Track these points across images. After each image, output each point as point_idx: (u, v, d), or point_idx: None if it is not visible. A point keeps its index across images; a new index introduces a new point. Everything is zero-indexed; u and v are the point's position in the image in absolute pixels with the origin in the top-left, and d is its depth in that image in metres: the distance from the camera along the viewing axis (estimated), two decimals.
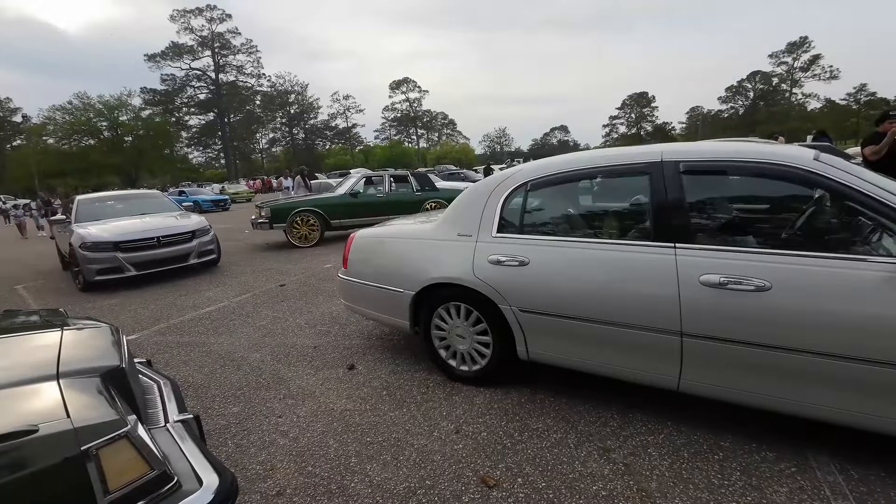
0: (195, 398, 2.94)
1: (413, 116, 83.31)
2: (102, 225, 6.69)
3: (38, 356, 1.52)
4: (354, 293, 3.34)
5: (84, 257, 6.05)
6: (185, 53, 63.83)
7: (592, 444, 2.19)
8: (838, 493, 1.77)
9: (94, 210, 7.28)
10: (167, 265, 6.58)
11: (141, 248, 6.33)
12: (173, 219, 7.23)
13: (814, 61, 65.22)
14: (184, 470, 1.26)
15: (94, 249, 6.09)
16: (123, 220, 7.08)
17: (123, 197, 8.09)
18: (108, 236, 6.23)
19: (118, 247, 6.18)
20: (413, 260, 2.93)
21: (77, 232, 6.34)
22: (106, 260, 6.14)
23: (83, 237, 6.19)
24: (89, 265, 6.08)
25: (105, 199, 7.84)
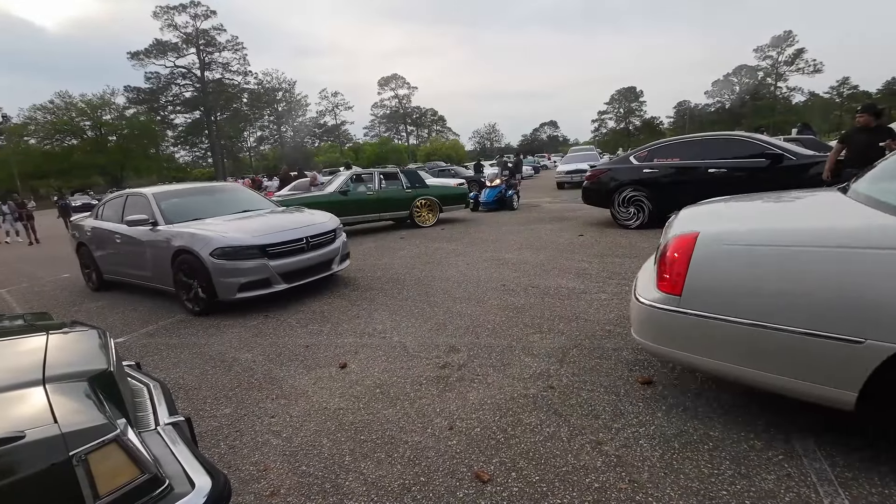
0: (186, 400, 2.92)
1: (402, 113, 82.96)
2: (222, 224, 4.98)
3: (23, 361, 1.49)
4: (707, 338, 2.06)
5: (220, 268, 4.43)
6: (169, 51, 62.70)
7: (584, 437, 2.21)
8: (824, 479, 1.81)
9: (183, 207, 5.47)
10: (314, 275, 5.02)
11: (289, 254, 4.76)
12: (307, 215, 5.67)
13: (798, 55, 66.13)
14: (175, 473, 1.25)
15: (234, 257, 4.47)
16: (238, 218, 5.35)
17: (206, 190, 6.32)
18: (251, 238, 4.61)
19: (266, 252, 4.60)
20: None
21: (196, 234, 4.66)
22: (253, 270, 4.51)
23: (214, 240, 4.51)
24: (228, 278, 4.44)
25: (187, 194, 5.96)
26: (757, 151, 6.56)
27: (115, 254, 5.81)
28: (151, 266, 5.18)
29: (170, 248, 4.81)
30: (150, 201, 5.39)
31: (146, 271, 5.29)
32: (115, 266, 5.90)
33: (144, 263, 5.26)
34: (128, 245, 5.47)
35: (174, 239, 4.81)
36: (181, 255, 4.70)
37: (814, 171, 6.03)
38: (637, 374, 2.74)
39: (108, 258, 5.98)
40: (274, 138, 75.17)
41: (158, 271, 5.09)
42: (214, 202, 5.86)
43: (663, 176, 7.35)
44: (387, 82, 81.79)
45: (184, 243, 4.67)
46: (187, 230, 4.82)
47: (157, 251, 5.02)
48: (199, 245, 4.55)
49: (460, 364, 3.09)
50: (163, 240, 4.95)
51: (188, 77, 65.04)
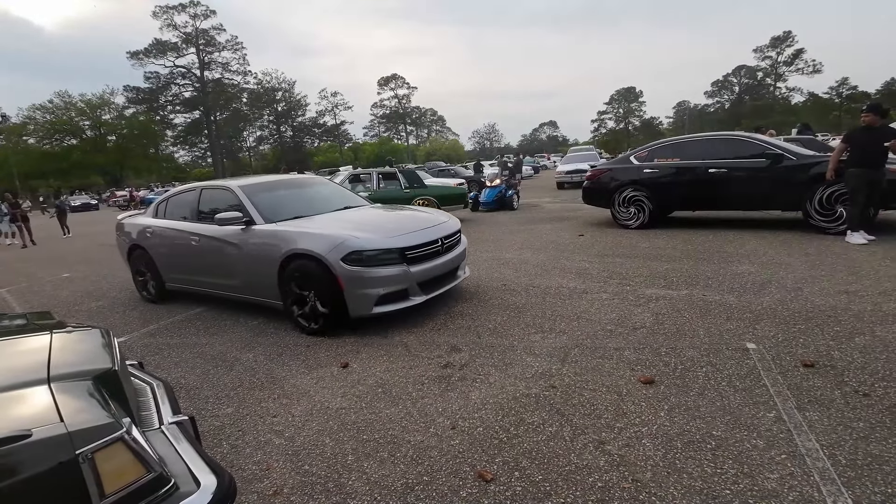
0: (188, 399, 2.92)
1: (402, 113, 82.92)
2: (339, 223, 4.14)
3: (28, 360, 1.49)
4: None
5: (354, 277, 3.53)
6: (168, 51, 62.61)
7: (587, 436, 2.21)
8: (827, 478, 1.81)
9: (277, 203, 4.59)
10: (445, 284, 4.16)
11: (426, 258, 3.90)
12: (424, 212, 4.78)
13: (797, 55, 66.15)
14: (180, 472, 1.25)
15: (372, 262, 3.59)
16: (353, 215, 4.52)
17: (291, 182, 5.34)
18: (388, 240, 3.77)
19: (405, 257, 3.75)
20: None
21: (320, 234, 3.78)
22: (393, 279, 3.65)
23: (346, 242, 3.59)
24: (365, 289, 3.56)
25: (275, 187, 4.97)
26: (757, 151, 6.56)
27: (188, 259, 4.80)
28: (245, 274, 4.23)
29: (276, 251, 3.88)
30: (240, 195, 4.44)
31: (235, 280, 4.35)
32: (186, 273, 4.93)
33: (234, 270, 4.32)
34: (209, 248, 4.51)
35: (283, 241, 3.88)
36: (296, 261, 3.78)
37: (814, 170, 6.04)
38: (639, 373, 2.75)
39: (176, 264, 5.02)
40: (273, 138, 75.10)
41: (257, 280, 4.14)
42: (307, 196, 4.97)
43: (664, 176, 7.36)
44: (386, 82, 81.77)
45: (301, 246, 3.74)
46: (302, 230, 3.94)
47: (257, 256, 4.07)
48: (326, 248, 3.60)
49: (462, 363, 3.09)
50: (265, 242, 4.03)
51: (187, 77, 64.98)
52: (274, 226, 4.12)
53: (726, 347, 3.00)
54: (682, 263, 5.16)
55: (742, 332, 3.21)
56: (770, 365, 2.73)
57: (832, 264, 4.65)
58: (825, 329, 3.15)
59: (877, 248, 5.13)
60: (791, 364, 2.72)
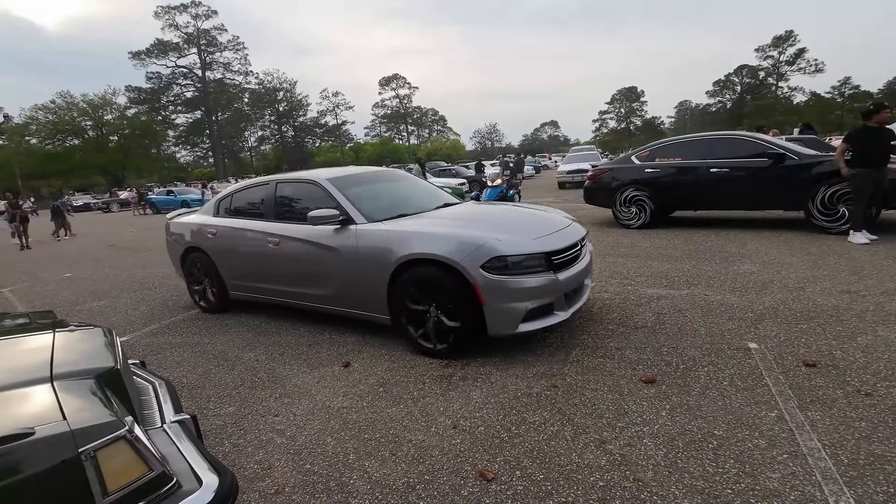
0: (190, 399, 2.92)
1: (403, 113, 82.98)
2: (458, 222, 3.48)
3: (31, 359, 1.49)
4: None
5: (497, 287, 2.90)
6: (170, 51, 62.82)
7: (588, 435, 2.21)
8: (829, 477, 1.81)
9: (374, 199, 3.95)
10: (581, 297, 3.41)
11: (567, 265, 3.21)
12: (542, 211, 4.03)
13: (799, 55, 65.98)
14: (183, 470, 1.25)
15: (517, 270, 2.95)
16: (465, 213, 3.85)
17: (378, 176, 4.59)
18: (534, 243, 3.12)
19: (552, 263, 3.08)
20: None
21: (453, 235, 3.11)
22: (542, 290, 2.99)
23: (488, 246, 2.96)
24: (510, 302, 2.92)
25: (365, 180, 4.27)
26: (759, 151, 6.55)
27: (262, 264, 4.16)
28: (341, 282, 3.59)
29: (388, 256, 3.24)
30: (331, 190, 3.79)
31: (326, 289, 3.71)
32: (259, 281, 4.26)
33: (326, 278, 3.68)
34: (293, 252, 3.88)
35: (397, 243, 3.24)
36: (415, 268, 3.17)
37: (816, 170, 6.03)
38: (640, 373, 2.74)
39: (246, 269, 4.35)
40: (275, 138, 75.19)
41: (357, 290, 3.52)
42: (402, 191, 4.36)
43: (665, 175, 7.35)
44: (388, 82, 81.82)
45: (424, 250, 3.09)
46: (422, 230, 3.28)
47: (359, 261, 3.43)
48: (460, 252, 2.97)
49: (464, 363, 3.09)
50: (372, 245, 3.38)
51: (189, 77, 65.16)
52: (380, 225, 3.47)
53: (728, 347, 3.00)
54: (683, 263, 5.16)
55: (744, 332, 3.20)
56: (772, 364, 2.73)
57: (834, 264, 4.64)
58: (827, 329, 3.15)
59: (879, 248, 5.12)
60: (793, 364, 2.72)
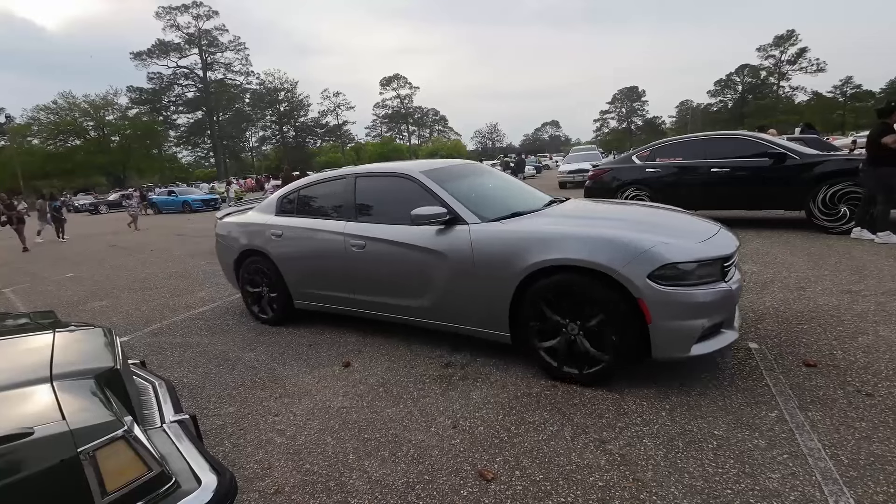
0: (190, 399, 2.93)
1: (404, 113, 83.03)
2: (592, 221, 3.01)
3: (31, 359, 1.50)
4: None
5: (668, 301, 2.38)
6: (171, 51, 62.94)
7: (588, 435, 2.21)
8: (829, 477, 1.80)
9: (480, 195, 3.49)
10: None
11: (732, 273, 2.68)
12: (674, 210, 3.54)
13: (801, 54, 65.89)
14: (182, 470, 1.26)
15: (690, 280, 2.43)
16: (586, 211, 3.41)
17: (469, 169, 3.91)
18: (703, 248, 2.57)
19: (725, 271, 2.58)
20: None
21: (606, 239, 2.55)
22: (718, 304, 2.47)
23: (652, 251, 2.43)
24: (683, 319, 2.40)
25: (459, 175, 3.66)
26: (760, 151, 6.54)
27: (341, 269, 3.62)
28: (447, 292, 3.08)
29: (516, 262, 2.73)
30: (429, 184, 3.28)
31: (425, 300, 3.20)
32: (334, 289, 3.73)
33: (427, 287, 3.16)
34: (383, 256, 3.36)
35: (527, 247, 2.72)
36: (552, 277, 2.64)
37: (818, 170, 6.02)
38: (641, 372, 2.74)
39: (318, 276, 3.81)
40: (276, 138, 75.30)
41: (468, 301, 3.01)
42: (503, 187, 3.88)
43: (666, 175, 7.34)
44: (389, 82, 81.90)
45: (569, 255, 2.56)
46: (561, 231, 2.72)
47: (473, 267, 2.92)
48: (621, 257, 2.44)
49: (463, 363, 3.09)
50: (492, 249, 2.86)
51: (190, 77, 65.27)
52: (500, 225, 2.95)
53: (728, 347, 2.99)
54: None
55: (744, 332, 3.20)
56: (772, 364, 2.73)
57: (835, 264, 4.63)
58: (828, 329, 3.14)
59: (880, 248, 5.11)
60: (793, 363, 2.71)
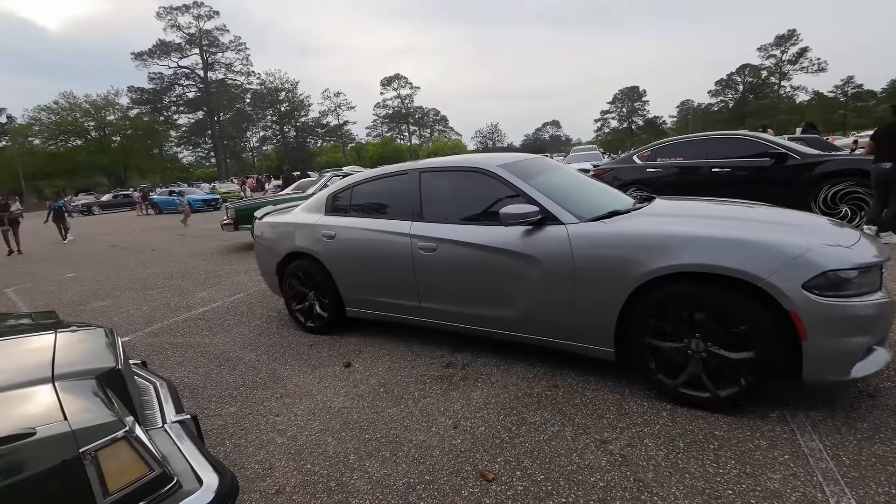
0: (191, 399, 2.93)
1: (405, 113, 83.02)
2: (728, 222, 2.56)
3: (33, 359, 1.50)
4: None
5: (829, 315, 2.04)
6: (172, 51, 63.01)
7: (589, 436, 2.21)
8: (830, 478, 1.80)
9: (568, 192, 3.11)
10: None
11: None
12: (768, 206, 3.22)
13: (802, 54, 65.73)
14: (183, 470, 1.26)
15: (850, 290, 2.09)
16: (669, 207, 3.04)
17: (549, 165, 3.51)
18: (859, 252, 2.22)
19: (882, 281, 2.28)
20: None
21: (750, 242, 2.19)
22: (880, 317, 2.15)
23: (807, 256, 2.09)
24: (850, 336, 2.07)
25: (545, 168, 3.36)
26: (761, 150, 6.53)
27: (406, 275, 3.26)
28: (536, 301, 2.73)
29: (627, 268, 2.39)
30: (512, 180, 2.94)
31: (511, 310, 2.85)
32: (399, 297, 3.36)
33: (510, 295, 2.84)
34: (460, 261, 3.00)
35: (644, 251, 2.36)
36: (674, 285, 2.30)
37: (819, 170, 6.01)
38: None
39: (381, 282, 3.43)
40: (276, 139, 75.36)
41: (566, 312, 2.65)
42: (583, 184, 3.47)
43: (667, 175, 7.34)
44: (389, 82, 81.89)
45: (702, 260, 2.20)
46: (690, 232, 2.32)
47: (574, 273, 2.57)
48: (771, 265, 2.11)
49: (464, 363, 3.09)
50: (598, 253, 2.50)
51: (191, 77, 65.36)
52: (604, 226, 2.58)
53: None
54: None
55: None
56: None
57: None
58: None
59: None
60: None
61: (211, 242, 10.46)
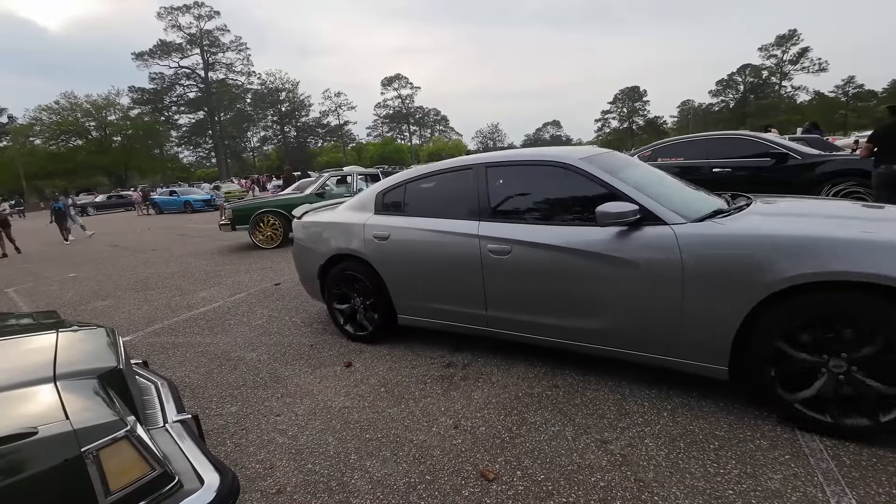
0: (192, 398, 2.93)
1: (405, 113, 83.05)
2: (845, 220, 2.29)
3: (34, 358, 1.51)
4: None
5: None
6: (173, 51, 63.10)
7: (590, 436, 2.21)
8: (831, 478, 1.80)
9: (660, 188, 2.82)
10: None
11: None
12: None
13: (802, 54, 65.71)
14: (184, 469, 1.26)
15: None
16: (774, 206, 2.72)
17: (627, 160, 3.17)
18: None
19: None
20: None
21: None
22: None
23: None
24: None
25: (627, 163, 3.08)
26: (761, 151, 6.53)
27: (471, 280, 2.95)
28: (634, 311, 2.43)
29: (752, 276, 2.08)
30: (599, 174, 2.64)
31: (600, 320, 2.55)
32: (464, 304, 3.05)
33: (601, 304, 2.52)
34: (540, 265, 2.68)
35: (777, 255, 2.04)
36: (810, 295, 2.00)
37: (819, 170, 6.00)
38: (642, 373, 2.74)
39: (442, 287, 3.14)
40: (277, 139, 75.42)
41: (666, 325, 2.34)
42: (661, 181, 3.08)
43: None
44: (390, 82, 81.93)
45: (860, 268, 1.87)
46: (835, 234, 2.01)
47: (682, 279, 2.24)
48: None
49: (465, 363, 3.09)
50: (716, 258, 2.17)
51: (192, 77, 65.44)
52: (719, 226, 2.27)
53: None
54: None
55: None
56: None
57: None
58: None
59: None
60: None
61: (212, 242, 10.47)
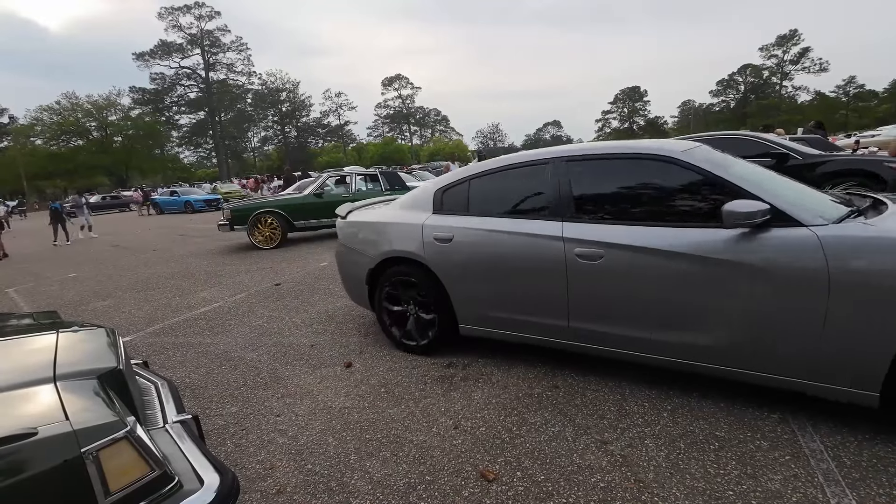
0: (192, 399, 2.93)
1: (406, 113, 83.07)
2: None
3: (34, 359, 1.51)
4: None
5: None
6: (174, 52, 63.22)
7: (590, 436, 2.21)
8: (831, 479, 1.80)
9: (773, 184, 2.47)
10: None
11: None
12: None
13: (803, 54, 65.68)
14: (184, 470, 1.26)
15: None
16: None
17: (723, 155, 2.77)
18: None
19: None
20: None
21: None
22: None
23: None
24: None
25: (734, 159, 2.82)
26: (762, 151, 6.52)
27: (559, 288, 2.63)
28: (757, 325, 2.14)
29: None
30: (711, 169, 2.34)
31: (712, 335, 2.25)
32: (542, 314, 2.75)
33: (717, 316, 2.23)
34: (640, 271, 2.38)
35: None
36: None
37: (820, 170, 5.99)
38: (642, 374, 2.74)
39: (516, 295, 2.83)
40: (278, 139, 75.46)
41: (803, 343, 2.04)
42: (764, 175, 2.66)
43: None
44: (390, 82, 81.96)
45: None
46: None
47: (827, 292, 1.95)
48: None
49: (465, 363, 3.09)
50: (877, 268, 1.88)
51: (193, 78, 65.54)
52: (867, 227, 2.00)
53: None
54: None
55: None
56: None
57: None
58: None
59: None
60: None
61: (212, 242, 10.47)
